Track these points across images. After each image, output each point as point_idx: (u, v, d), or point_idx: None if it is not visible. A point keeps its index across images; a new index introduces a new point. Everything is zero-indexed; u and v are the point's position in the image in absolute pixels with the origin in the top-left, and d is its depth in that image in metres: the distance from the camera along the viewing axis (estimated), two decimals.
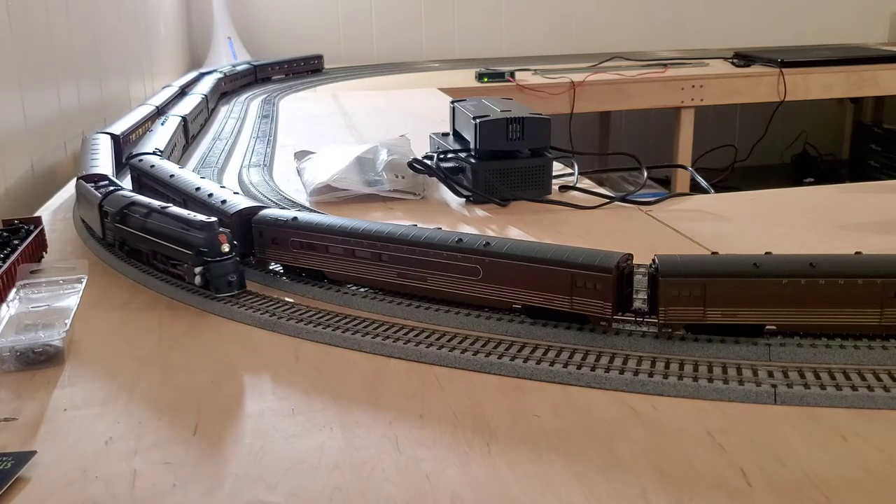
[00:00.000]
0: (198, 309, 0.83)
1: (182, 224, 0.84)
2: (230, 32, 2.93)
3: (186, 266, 0.83)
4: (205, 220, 0.83)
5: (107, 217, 0.95)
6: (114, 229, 0.94)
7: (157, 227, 0.87)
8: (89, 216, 1.02)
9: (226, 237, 0.82)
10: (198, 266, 0.82)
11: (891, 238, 1.02)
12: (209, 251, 0.82)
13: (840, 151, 3.59)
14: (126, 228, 0.91)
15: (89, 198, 0.99)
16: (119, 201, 0.94)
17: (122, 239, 0.93)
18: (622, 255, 0.72)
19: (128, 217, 0.92)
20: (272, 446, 0.58)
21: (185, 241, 0.83)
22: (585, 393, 0.64)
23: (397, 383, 0.67)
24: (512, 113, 1.20)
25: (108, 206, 0.94)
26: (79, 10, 1.63)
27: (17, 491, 0.54)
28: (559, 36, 3.32)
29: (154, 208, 0.89)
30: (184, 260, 0.84)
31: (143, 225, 0.89)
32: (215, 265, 0.82)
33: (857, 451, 0.55)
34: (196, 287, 0.84)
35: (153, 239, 0.87)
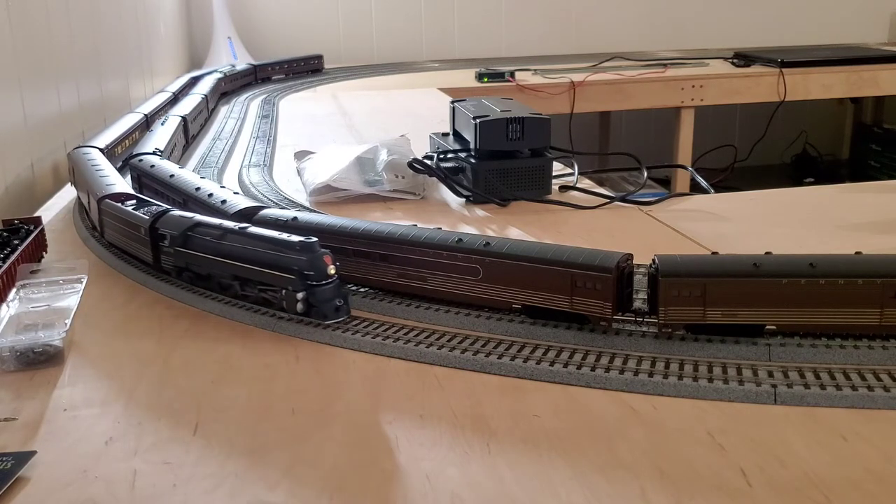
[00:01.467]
0: (198, 309, 0.83)
1: (274, 245, 0.77)
2: (230, 32, 2.93)
3: (286, 292, 0.76)
4: (305, 241, 0.75)
5: (163, 241, 0.85)
6: (174, 254, 0.84)
7: (239, 249, 0.79)
8: (127, 240, 0.91)
9: (330, 258, 0.76)
10: (300, 291, 0.75)
11: (891, 238, 1.02)
12: (315, 274, 0.75)
13: (840, 151, 3.59)
14: (193, 252, 0.82)
15: (132, 220, 0.89)
16: (179, 223, 0.85)
17: (185, 264, 0.84)
18: (622, 255, 0.72)
19: (194, 240, 0.83)
20: (272, 446, 0.58)
21: (281, 265, 0.76)
22: (585, 393, 0.64)
23: (397, 383, 0.67)
24: (512, 113, 1.20)
25: (164, 229, 0.85)
26: (79, 10, 1.63)
27: (17, 491, 0.54)
28: (559, 36, 3.32)
29: (229, 229, 0.81)
30: (281, 285, 0.76)
31: (216, 248, 0.81)
32: (321, 289, 0.75)
33: (857, 451, 0.55)
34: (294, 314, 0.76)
35: (235, 263, 0.79)
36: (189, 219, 0.85)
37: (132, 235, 0.90)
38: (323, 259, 0.75)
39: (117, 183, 1.01)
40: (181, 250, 0.83)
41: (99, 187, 1.00)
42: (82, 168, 1.11)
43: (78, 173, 1.13)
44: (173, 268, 0.86)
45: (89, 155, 1.18)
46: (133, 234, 0.90)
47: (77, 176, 1.15)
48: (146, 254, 0.88)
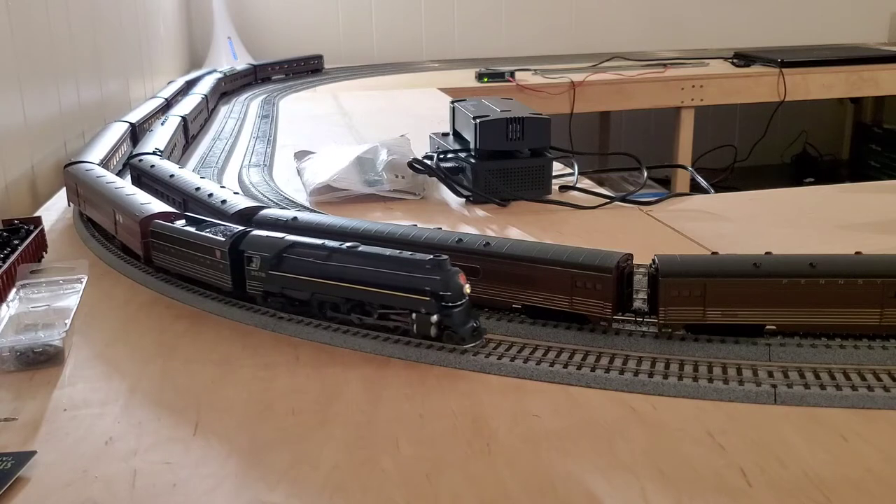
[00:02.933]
0: (198, 309, 0.83)
1: (398, 264, 0.71)
2: (230, 32, 2.93)
3: (417, 315, 0.70)
4: (436, 258, 0.69)
5: (249, 263, 0.78)
6: (266, 278, 0.77)
7: (352, 270, 0.72)
8: (192, 264, 0.83)
9: (464, 276, 0.70)
10: (434, 314, 0.69)
11: (891, 238, 1.02)
12: (451, 295, 0.68)
13: (840, 151, 3.59)
14: (292, 276, 0.75)
15: (202, 242, 0.81)
16: (271, 243, 0.77)
17: (281, 288, 0.77)
18: (622, 255, 0.72)
19: (291, 261, 0.75)
20: (272, 446, 0.58)
21: (409, 285, 0.69)
22: (585, 393, 0.64)
23: (397, 383, 0.67)
24: (512, 113, 1.20)
25: (252, 251, 0.78)
26: (79, 10, 1.63)
27: (17, 491, 0.54)
28: (559, 36, 3.32)
29: (336, 248, 0.74)
30: (411, 307, 0.70)
31: (322, 270, 0.74)
32: (458, 311, 0.69)
33: (857, 451, 0.55)
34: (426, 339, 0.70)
35: (350, 286, 0.72)
36: (280, 239, 0.77)
37: (201, 259, 0.81)
38: (458, 277, 0.69)
39: (152, 201, 0.93)
40: (275, 273, 0.76)
41: (136, 208, 0.91)
42: (99, 188, 1.02)
43: (92, 193, 1.03)
44: (261, 293, 0.78)
45: (98, 173, 1.09)
46: (201, 258, 0.81)
47: (90, 195, 1.05)
48: (221, 279, 0.80)
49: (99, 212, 1.02)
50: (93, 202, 1.04)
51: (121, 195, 0.96)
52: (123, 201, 0.94)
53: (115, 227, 0.96)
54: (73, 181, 1.11)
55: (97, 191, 1.02)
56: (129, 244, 0.93)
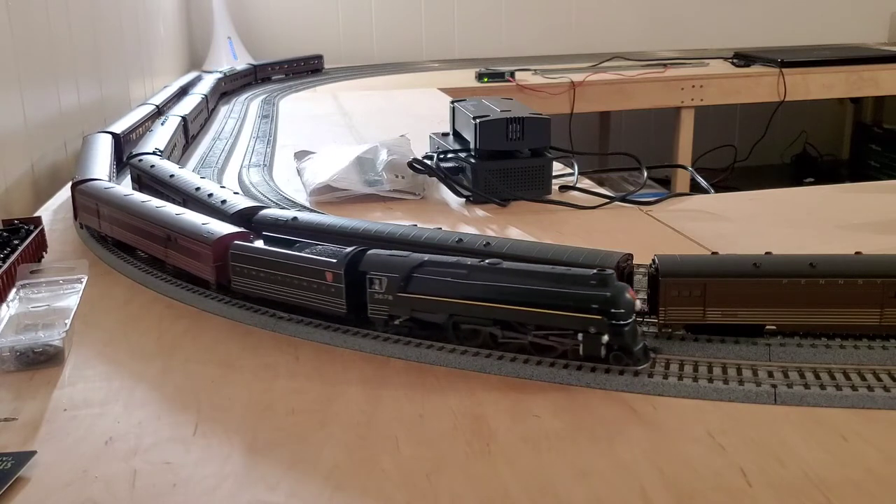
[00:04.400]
0: (198, 309, 0.83)
1: (555, 281, 0.65)
2: (230, 32, 2.93)
3: (585, 335, 0.64)
4: (600, 272, 0.64)
5: (372, 285, 0.71)
6: (393, 301, 0.70)
7: (498, 289, 0.66)
8: (292, 288, 0.76)
9: (633, 290, 0.64)
10: (604, 333, 0.63)
11: (891, 238, 1.02)
12: (624, 312, 0.63)
13: (840, 151, 3.59)
14: (425, 297, 0.69)
15: (307, 264, 0.74)
16: (397, 263, 0.71)
17: (412, 311, 0.70)
18: (622, 255, 0.72)
19: (423, 282, 0.69)
20: (272, 446, 0.58)
21: (572, 304, 0.64)
22: (585, 393, 0.64)
23: (397, 383, 0.67)
24: (512, 113, 1.20)
25: (375, 272, 0.71)
26: (79, 10, 1.63)
27: (17, 491, 0.54)
28: (559, 36, 3.32)
29: (475, 266, 0.68)
30: (577, 327, 0.64)
31: (463, 290, 0.68)
32: (629, 330, 0.63)
33: (857, 451, 0.55)
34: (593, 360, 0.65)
35: (498, 306, 0.66)
36: (404, 257, 0.71)
37: (305, 283, 0.74)
38: (628, 292, 0.63)
39: (210, 220, 0.85)
40: (405, 296, 0.70)
41: (200, 229, 0.83)
42: (137, 209, 0.92)
43: (124, 213, 0.93)
44: (385, 317, 0.72)
45: (123, 191, 0.99)
46: (306, 282, 0.74)
47: (121, 216, 0.94)
48: (332, 303, 0.73)
49: (135, 233, 0.92)
50: (125, 223, 0.94)
51: (171, 215, 0.88)
52: (180, 223, 0.86)
53: (165, 251, 0.88)
54: (92, 201, 1.00)
55: (134, 211, 0.92)
56: (188, 268, 0.85)
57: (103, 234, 1.00)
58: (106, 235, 1.00)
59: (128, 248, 0.96)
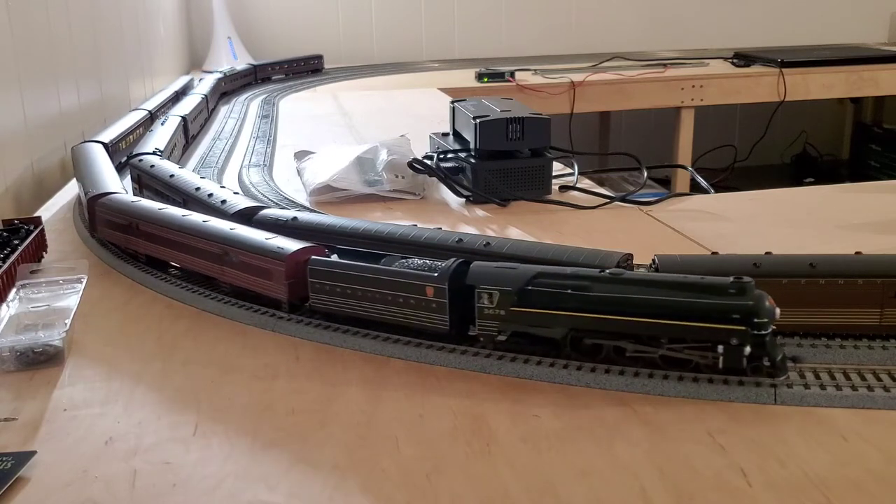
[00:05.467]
0: (198, 309, 0.83)
1: (689, 291, 0.62)
2: (230, 32, 2.93)
3: (726, 346, 0.61)
4: (739, 281, 0.61)
5: (480, 300, 0.67)
6: (506, 316, 0.66)
7: (625, 300, 0.63)
8: (387, 305, 0.71)
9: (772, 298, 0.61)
10: (746, 344, 0.60)
11: (891, 238, 1.02)
12: (767, 321, 0.60)
13: (840, 151, 3.59)
14: (542, 312, 0.65)
15: (404, 279, 0.70)
16: (506, 276, 0.67)
17: (527, 326, 0.66)
18: (622, 255, 0.72)
19: (538, 295, 0.65)
20: (272, 446, 0.58)
21: (710, 314, 0.60)
22: (585, 393, 0.64)
23: (397, 383, 0.67)
24: (512, 113, 1.20)
25: (483, 286, 0.67)
26: (79, 10, 1.63)
27: (17, 491, 0.54)
28: (559, 36, 3.32)
29: (596, 277, 0.65)
30: (717, 339, 0.61)
31: (583, 302, 0.64)
32: (770, 340, 0.61)
33: (857, 451, 0.55)
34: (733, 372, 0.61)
35: (628, 319, 0.63)
36: (513, 269, 0.67)
37: (400, 299, 0.70)
38: (768, 300, 0.60)
39: (274, 236, 0.80)
40: (520, 310, 0.66)
41: (267, 245, 0.78)
42: (189, 226, 0.85)
43: (170, 231, 0.87)
44: (495, 334, 0.67)
45: (157, 205, 0.93)
46: (402, 298, 0.70)
47: (164, 233, 0.88)
48: (433, 320, 0.69)
49: (178, 250, 0.87)
50: (164, 239, 0.88)
51: (225, 231, 0.82)
52: (239, 238, 0.80)
53: (221, 268, 0.82)
54: (119, 215, 0.94)
55: (177, 227, 0.86)
56: (252, 286, 0.79)
57: (130, 250, 0.94)
58: (135, 252, 0.93)
59: (160, 263, 0.91)
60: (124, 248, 0.96)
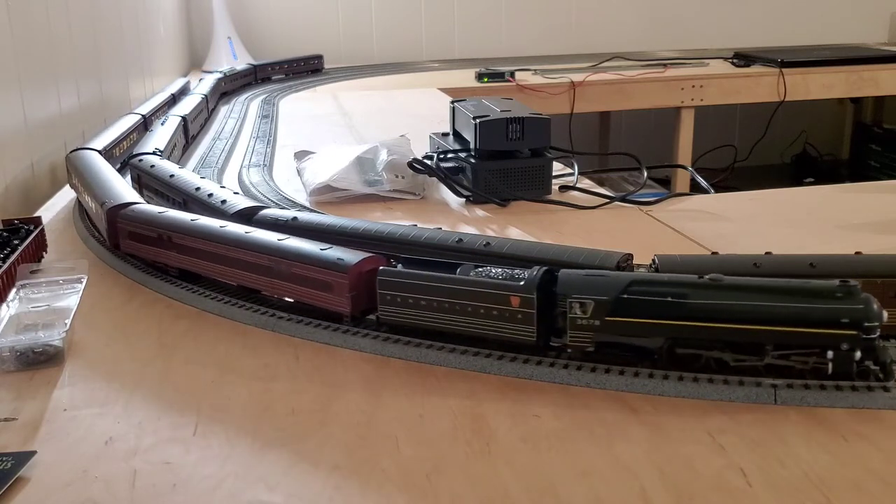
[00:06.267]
0: (198, 309, 0.83)
1: (794, 296, 0.60)
2: (230, 32, 2.93)
3: (836, 353, 0.60)
4: (846, 285, 0.60)
5: (572, 310, 0.64)
6: (600, 327, 0.64)
7: (728, 307, 0.61)
8: (471, 318, 0.68)
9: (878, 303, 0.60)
10: (857, 349, 0.59)
11: (891, 238, 1.02)
12: (877, 325, 0.59)
13: (840, 151, 3.59)
14: (640, 321, 0.63)
15: (488, 290, 0.67)
16: (600, 284, 0.64)
17: (622, 336, 0.64)
18: (622, 255, 0.72)
19: (634, 304, 0.63)
20: (271, 446, 0.58)
21: (818, 319, 0.59)
22: (585, 393, 0.64)
23: (397, 383, 0.67)
24: (512, 113, 1.20)
25: (576, 296, 0.64)
26: (79, 10, 1.63)
27: (17, 491, 0.54)
28: (559, 36, 3.32)
29: (694, 283, 0.63)
30: (827, 345, 0.60)
31: (682, 310, 0.62)
32: (881, 345, 0.60)
33: (857, 451, 0.55)
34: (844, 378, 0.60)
35: (731, 326, 0.61)
36: (605, 276, 0.65)
37: (483, 311, 0.67)
38: (876, 303, 0.59)
39: (329, 246, 0.76)
40: (615, 320, 0.64)
41: (324, 257, 0.74)
42: (231, 237, 0.81)
43: (208, 242, 0.83)
44: (587, 345, 0.65)
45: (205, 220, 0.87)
46: (483, 309, 0.67)
47: (192, 242, 0.84)
48: (519, 331, 0.66)
49: (217, 262, 0.83)
50: (201, 251, 0.84)
51: (273, 242, 0.78)
52: (292, 250, 0.77)
53: (269, 281, 0.79)
54: (147, 227, 0.89)
55: (218, 238, 0.82)
56: (309, 299, 0.76)
57: (159, 263, 0.89)
58: (164, 265, 0.89)
59: (192, 276, 0.87)
60: (151, 262, 0.91)
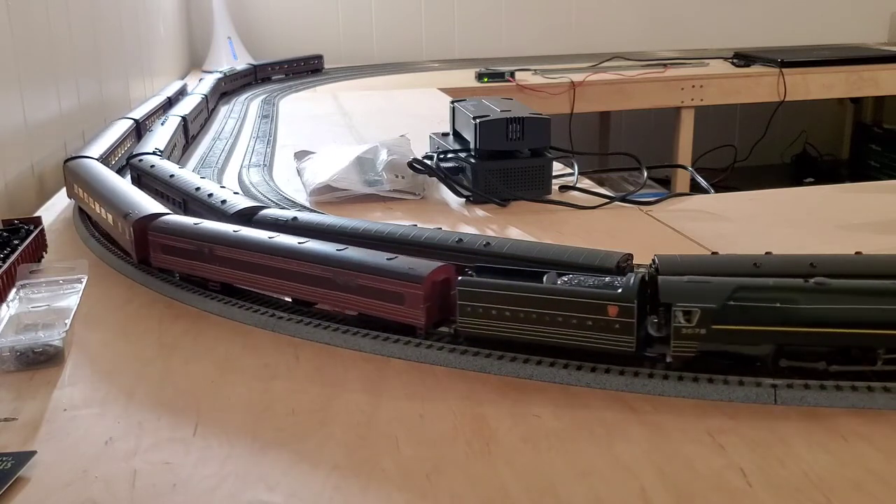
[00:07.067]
0: (198, 309, 0.83)
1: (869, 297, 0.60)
2: (230, 32, 2.93)
3: None
4: None
5: (677, 319, 0.62)
6: (706, 335, 0.62)
7: (840, 311, 0.60)
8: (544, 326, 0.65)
9: None
10: None
11: (891, 238, 1.02)
12: None
13: (840, 151, 3.59)
14: (748, 328, 0.61)
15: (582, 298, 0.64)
16: (704, 290, 0.62)
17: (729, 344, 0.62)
18: (622, 255, 0.72)
19: (740, 310, 0.61)
20: (271, 446, 0.58)
21: None
22: (585, 393, 0.64)
23: (397, 383, 0.67)
24: (512, 113, 1.20)
25: (681, 304, 0.62)
26: (79, 10, 1.63)
27: (17, 491, 0.54)
28: (559, 36, 3.32)
29: (802, 287, 0.62)
30: None
31: (790, 316, 0.61)
32: None
33: (857, 451, 0.55)
34: None
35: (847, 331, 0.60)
36: (707, 282, 0.63)
37: (575, 321, 0.64)
38: None
39: (396, 256, 0.73)
40: (723, 328, 0.62)
41: (385, 265, 0.72)
42: (283, 249, 0.78)
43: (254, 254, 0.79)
44: (692, 354, 0.63)
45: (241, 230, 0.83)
46: (576, 319, 0.64)
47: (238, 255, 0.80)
48: (617, 341, 0.64)
49: (266, 275, 0.79)
50: (253, 265, 0.79)
51: (331, 252, 0.75)
52: (358, 260, 0.73)
53: (324, 293, 0.76)
54: (185, 241, 0.84)
55: (267, 250, 0.79)
56: (375, 311, 0.73)
57: (196, 277, 0.85)
58: (204, 279, 0.84)
59: (234, 290, 0.83)
60: (187, 276, 0.86)
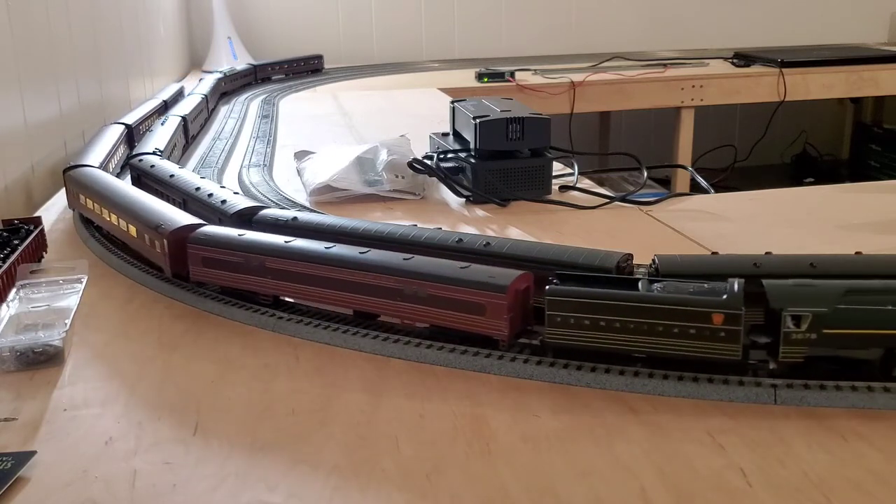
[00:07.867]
0: (198, 309, 0.83)
1: None
2: (230, 32, 2.93)
3: None
4: None
5: (787, 324, 0.60)
6: (817, 340, 0.60)
7: None
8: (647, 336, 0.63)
9: None
10: None
11: (891, 238, 1.02)
12: None
13: (840, 151, 3.59)
14: (861, 332, 0.60)
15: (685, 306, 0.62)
16: (814, 294, 0.61)
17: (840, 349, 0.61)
18: (622, 255, 0.72)
19: (849, 313, 0.60)
20: (271, 446, 0.58)
21: None
22: (585, 393, 0.64)
23: (397, 383, 0.67)
24: (512, 113, 1.20)
25: (792, 308, 0.60)
26: (79, 10, 1.63)
27: (17, 491, 0.54)
28: (559, 36, 3.32)
29: None
30: None
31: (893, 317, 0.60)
32: None
33: (857, 451, 0.55)
34: None
35: None
36: (815, 286, 0.62)
37: (677, 330, 0.62)
38: None
39: (469, 265, 0.70)
40: (833, 332, 0.60)
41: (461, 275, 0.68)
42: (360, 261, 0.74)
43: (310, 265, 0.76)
44: (800, 360, 0.61)
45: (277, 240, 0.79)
46: (678, 328, 0.62)
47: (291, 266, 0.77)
48: (722, 350, 0.61)
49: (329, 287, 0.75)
50: (309, 277, 0.76)
51: (399, 261, 0.72)
52: (431, 270, 0.70)
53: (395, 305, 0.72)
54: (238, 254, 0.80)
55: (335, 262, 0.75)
56: (451, 323, 0.69)
57: (241, 290, 0.81)
58: (253, 293, 0.81)
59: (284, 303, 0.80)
60: (231, 290, 0.82)
